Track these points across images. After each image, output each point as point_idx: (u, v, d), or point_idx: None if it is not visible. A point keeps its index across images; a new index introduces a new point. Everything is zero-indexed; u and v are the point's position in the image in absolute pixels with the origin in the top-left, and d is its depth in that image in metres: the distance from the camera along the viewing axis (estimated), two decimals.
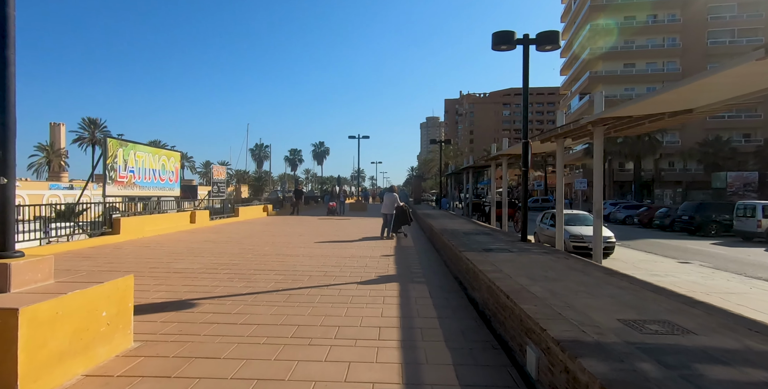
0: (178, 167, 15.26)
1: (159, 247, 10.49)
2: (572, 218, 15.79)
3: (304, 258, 9.09)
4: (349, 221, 20.44)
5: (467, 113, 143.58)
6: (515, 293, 4.11)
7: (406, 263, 8.67)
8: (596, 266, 5.78)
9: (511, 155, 18.42)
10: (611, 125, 10.05)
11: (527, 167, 8.92)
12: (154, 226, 13.08)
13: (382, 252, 10.20)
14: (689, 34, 54.85)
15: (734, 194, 34.55)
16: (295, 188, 29.40)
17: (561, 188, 11.98)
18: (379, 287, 6.43)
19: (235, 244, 11.27)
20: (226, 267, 7.86)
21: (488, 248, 7.49)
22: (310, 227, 16.76)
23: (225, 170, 19.44)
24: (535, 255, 6.79)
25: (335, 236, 13.52)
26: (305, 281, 6.81)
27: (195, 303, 5.34)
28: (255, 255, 9.40)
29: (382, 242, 12.40)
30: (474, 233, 10.39)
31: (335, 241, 12.39)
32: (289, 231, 15.00)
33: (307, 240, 12.38)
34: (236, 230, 14.96)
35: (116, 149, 11.86)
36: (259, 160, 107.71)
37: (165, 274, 7.16)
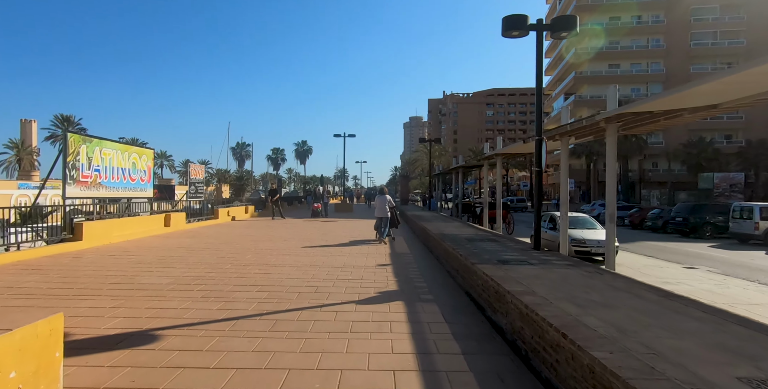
0: (150, 165, 14.01)
1: (126, 256, 9.32)
2: (573, 221, 15.03)
3: (291, 269, 8.05)
4: (335, 224, 19.39)
5: (451, 112, 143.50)
6: (569, 328, 3.18)
7: (407, 275, 7.72)
8: (641, 284, 4.91)
9: (508, 154, 17.65)
10: (626, 121, 9.27)
11: (541, 167, 8.06)
12: (122, 231, 11.86)
13: (377, 261, 9.23)
14: (673, 36, 55.18)
15: (721, 195, 34.56)
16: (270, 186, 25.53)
17: (566, 190, 11.19)
18: (381, 308, 5.45)
19: (212, 251, 10.15)
20: (201, 282, 6.78)
21: (503, 260, 6.59)
22: (294, 231, 15.68)
23: (203, 169, 18.20)
24: (560, 269, 5.90)
25: (323, 241, 12.49)
26: (294, 300, 5.79)
27: (158, 336, 4.29)
28: (235, 266, 8.32)
29: (375, 248, 11.43)
30: (477, 240, 9.50)
31: (324, 246, 11.37)
32: (273, 235, 13.91)
33: (293, 246, 11.33)
34: (215, 235, 13.80)
35: (78, 146, 10.60)
36: (240, 159, 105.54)
37: (127, 292, 6.05)
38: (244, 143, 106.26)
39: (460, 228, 12.86)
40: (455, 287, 6.86)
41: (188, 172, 17.23)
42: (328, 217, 22.92)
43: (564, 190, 11.14)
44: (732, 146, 50.98)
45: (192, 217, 17.15)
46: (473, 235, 10.72)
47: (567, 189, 11.26)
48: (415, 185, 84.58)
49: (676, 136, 50.66)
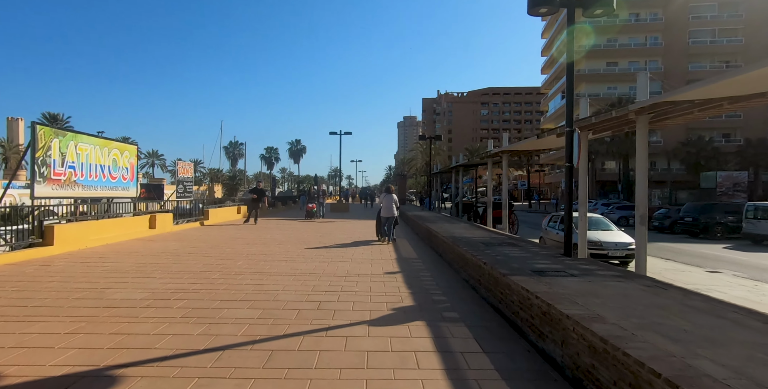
0: (134, 162, 12.93)
1: (101, 263, 8.28)
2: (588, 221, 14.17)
3: (288, 278, 7.06)
4: (332, 225, 18.39)
5: (445, 111, 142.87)
6: (687, 382, 2.24)
7: (420, 285, 6.75)
8: (723, 303, 3.98)
9: (516, 151, 16.74)
10: (658, 113, 8.38)
11: (572, 163, 7.12)
12: (101, 234, 10.80)
13: (383, 268, 8.26)
14: (671, 34, 54.69)
15: (724, 195, 33.91)
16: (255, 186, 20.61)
17: (585, 188, 10.29)
18: (400, 331, 4.48)
19: (199, 257, 9.13)
20: (182, 296, 5.77)
21: (538, 270, 5.64)
22: (289, 233, 14.67)
23: (192, 167, 17.11)
24: (611, 281, 4.96)
25: (321, 244, 11.51)
26: (293, 320, 4.81)
27: (118, 377, 3.29)
28: (224, 274, 7.32)
29: (379, 251, 10.46)
30: (495, 244, 8.55)
31: (323, 250, 10.39)
32: (267, 238, 12.89)
33: (289, 250, 10.33)
34: (204, 237, 12.76)
35: (49, 140, 9.51)
36: (233, 158, 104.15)
37: (91, 311, 5.04)
38: (237, 142, 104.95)
39: (469, 230, 11.93)
40: (480, 301, 5.91)
41: (176, 170, 16.12)
42: (324, 218, 21.78)
43: (583, 189, 10.25)
44: (730, 145, 50.56)
45: (180, 218, 16.08)
46: (487, 238, 9.78)
47: (586, 188, 10.37)
48: (411, 185, 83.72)
49: (675, 135, 50.14)
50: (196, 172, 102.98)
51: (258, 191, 18.21)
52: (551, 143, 14.15)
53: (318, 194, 22.60)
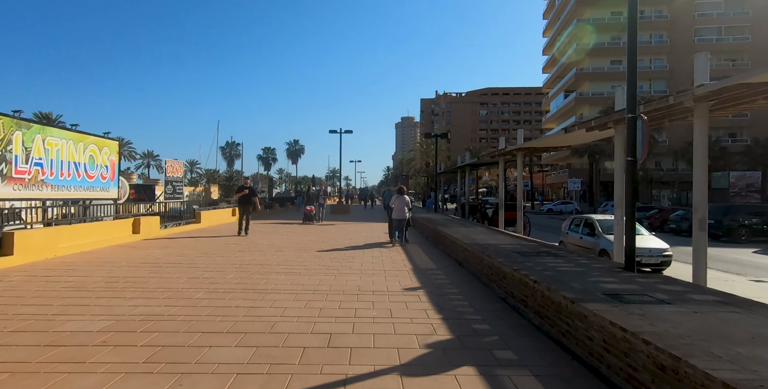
0: (115, 160, 11.64)
1: (66, 276, 6.98)
2: (612, 225, 12.90)
3: (288, 298, 5.78)
4: (334, 228, 17.10)
5: (444, 112, 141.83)
6: None
7: (452, 307, 5.48)
8: None
9: (534, 148, 15.52)
10: (722, 100, 7.18)
11: (635, 157, 5.87)
12: (75, 240, 9.49)
13: (400, 281, 6.99)
14: (676, 31, 53.72)
15: (737, 195, 32.85)
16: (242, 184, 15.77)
17: (621, 188, 9.08)
18: (446, 386, 3.22)
19: (184, 268, 7.84)
20: (153, 327, 4.49)
21: (611, 293, 4.38)
22: (288, 238, 13.38)
23: (182, 166, 15.77)
24: (722, 312, 3.70)
25: (324, 250, 10.24)
26: (296, 366, 3.53)
27: None
28: (210, 292, 6.03)
29: (390, 259, 9.19)
30: (531, 253, 7.29)
31: (326, 257, 9.12)
32: (263, 244, 11.61)
33: (288, 259, 9.05)
34: (193, 244, 11.46)
35: (10, 132, 8.15)
36: (229, 159, 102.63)
37: (22, 353, 3.75)
38: (233, 142, 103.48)
39: (490, 235, 10.66)
40: (533, 331, 4.64)
41: (164, 169, 14.82)
42: (324, 221, 20.32)
43: (619, 189, 9.05)
44: (737, 145, 49.52)
45: (169, 221, 14.78)
46: (517, 245, 8.53)
47: (622, 188, 9.14)
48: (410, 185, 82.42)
49: (681, 134, 48.94)
50: (192, 173, 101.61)
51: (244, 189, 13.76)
52: (577, 139, 12.93)
53: (318, 194, 20.80)
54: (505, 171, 19.26)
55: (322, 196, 20.86)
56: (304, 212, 19.59)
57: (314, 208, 19.60)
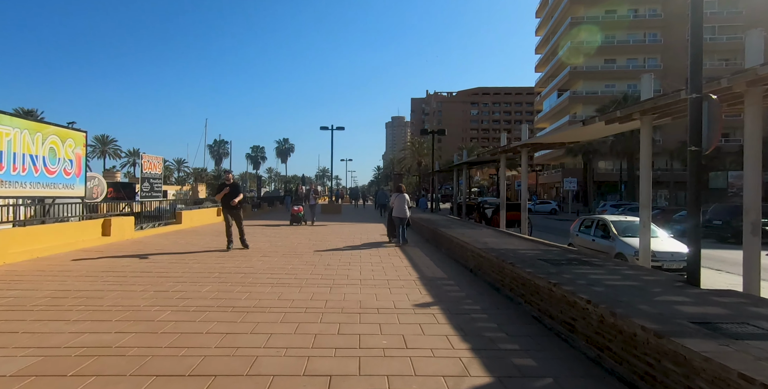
0: (81, 153, 10.39)
1: (4, 290, 5.77)
2: (629, 227, 11.98)
3: (274, 320, 4.67)
4: (326, 229, 15.96)
5: (435, 111, 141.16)
6: None
7: (478, 332, 4.41)
8: None
9: (538, 144, 14.52)
10: None
11: (700, 146, 4.85)
12: (30, 245, 8.27)
13: (409, 294, 5.91)
14: (670, 30, 53.37)
15: (735, 196, 32.27)
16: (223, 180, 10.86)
17: (647, 187, 8.18)
18: None
19: (153, 279, 6.67)
20: (90, 368, 3.34)
21: (699, 319, 3.34)
22: (276, 240, 12.23)
23: (161, 162, 14.43)
24: None
25: (317, 255, 9.14)
26: None
27: None
28: (177, 312, 4.90)
29: (393, 267, 8.11)
30: (561, 261, 6.25)
31: (319, 263, 8.02)
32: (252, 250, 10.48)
33: (276, 265, 7.94)
34: (169, 247, 10.27)
35: None
36: (217, 157, 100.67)
37: None
38: (222, 140, 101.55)
39: (502, 238, 9.62)
40: (596, 370, 3.58)
41: (140, 164, 13.49)
42: (316, 222, 18.74)
43: (645, 188, 8.13)
44: (731, 145, 49.19)
45: (147, 222, 13.53)
46: (538, 250, 7.50)
47: (650, 185, 8.21)
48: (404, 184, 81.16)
49: (675, 133, 48.62)
50: (179, 171, 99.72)
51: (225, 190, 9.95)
52: (594, 133, 11.95)
53: (308, 194, 19.06)
54: (503, 170, 18.29)
55: (312, 196, 19.07)
56: (292, 213, 17.78)
57: (302, 209, 17.77)
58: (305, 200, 18.61)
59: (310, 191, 19.70)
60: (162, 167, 14.09)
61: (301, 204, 17.98)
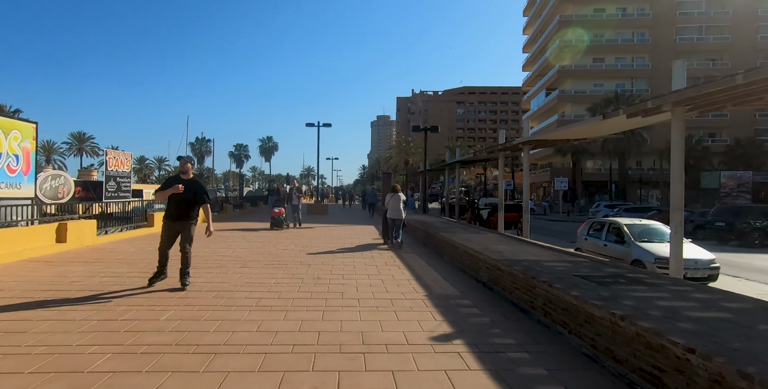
0: (29, 148, 8.99)
1: None
2: (645, 231, 11.03)
3: (248, 368, 3.45)
4: (313, 232, 14.70)
5: (421, 110, 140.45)
6: None
7: (524, 382, 3.30)
8: None
9: (542, 141, 13.47)
10: None
11: None
12: None
13: (422, 323, 4.75)
14: (658, 30, 53.20)
15: (728, 196, 31.98)
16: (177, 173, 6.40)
17: (680, 188, 7.17)
18: None
19: (100, 304, 5.40)
20: None
21: None
22: (257, 246, 10.97)
23: (129, 158, 12.92)
24: None
25: (304, 265, 7.95)
26: None
27: None
28: (120, 354, 3.65)
29: (393, 281, 6.95)
30: (605, 278, 5.16)
31: (307, 276, 6.83)
32: (224, 255, 9.20)
33: (256, 281, 6.71)
34: (134, 255, 8.95)
35: None
36: (200, 155, 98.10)
37: None
38: (204, 138, 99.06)
39: (515, 245, 8.52)
40: None
41: (105, 161, 11.99)
42: (300, 225, 16.60)
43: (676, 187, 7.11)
44: (717, 145, 49.24)
45: (111, 226, 12.13)
46: (567, 262, 6.41)
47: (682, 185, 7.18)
48: None
49: (661, 134, 48.42)
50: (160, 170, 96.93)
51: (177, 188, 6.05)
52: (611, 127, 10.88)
53: (291, 194, 16.80)
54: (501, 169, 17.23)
55: (296, 195, 16.60)
56: (272, 215, 15.34)
57: (284, 211, 15.52)
58: (287, 200, 16.56)
59: (293, 190, 17.23)
60: (131, 165, 12.66)
61: (282, 205, 15.79)
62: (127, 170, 12.79)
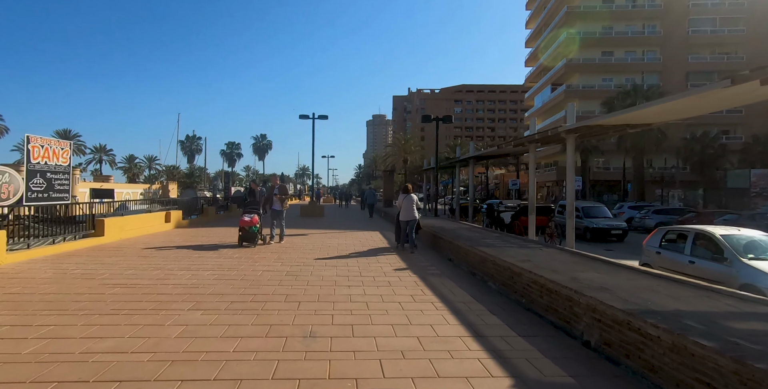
0: None
1: None
2: (751, 244, 8.27)
3: None
4: (306, 243, 11.79)
5: (417, 109, 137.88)
6: None
7: None
8: None
9: (596, 127, 10.65)
10: None
11: None
12: None
13: None
14: (670, 22, 50.67)
15: (759, 196, 29.36)
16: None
17: None
18: None
19: None
20: None
21: None
22: (230, 263, 8.11)
23: (68, 148, 9.91)
24: None
25: (287, 296, 5.15)
26: None
27: None
28: None
29: (434, 337, 4.17)
30: None
31: (294, 324, 4.05)
32: (175, 283, 6.37)
33: (200, 348, 3.88)
34: (46, 283, 6.10)
35: None
36: (190, 154, 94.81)
37: None
38: (194, 136, 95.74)
39: (610, 273, 5.70)
40: None
41: (27, 151, 9.00)
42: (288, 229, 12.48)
43: None
44: (732, 143, 46.72)
45: (45, 236, 9.23)
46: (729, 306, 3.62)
47: None
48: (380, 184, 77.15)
49: (674, 131, 45.88)
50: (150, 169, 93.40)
51: None
52: (711, 104, 8.02)
53: (270, 196, 11.65)
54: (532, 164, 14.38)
55: (277, 197, 11.53)
56: (240, 225, 10.76)
57: (257, 219, 10.90)
58: (263, 205, 11.57)
59: (273, 190, 11.76)
60: (69, 156, 9.77)
61: (257, 211, 11.10)
62: (63, 162, 9.86)
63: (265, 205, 11.41)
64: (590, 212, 18.79)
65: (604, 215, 19.12)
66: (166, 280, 6.60)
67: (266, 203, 11.40)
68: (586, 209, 18.98)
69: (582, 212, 18.53)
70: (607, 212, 19.61)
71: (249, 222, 10.64)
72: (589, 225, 17.95)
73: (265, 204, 11.41)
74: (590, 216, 18.48)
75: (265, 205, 11.42)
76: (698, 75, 49.36)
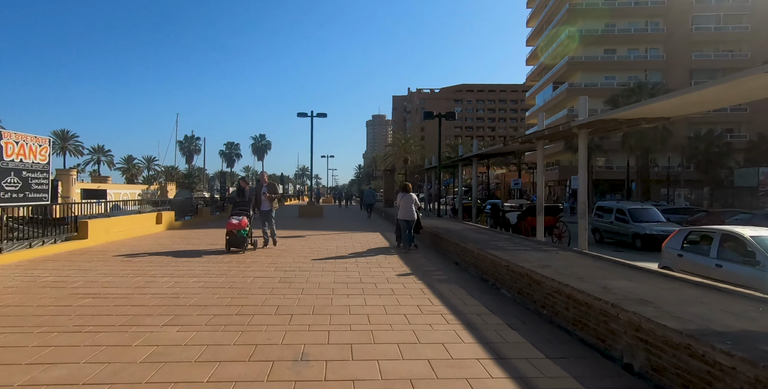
0: None
1: None
2: None
3: None
4: (303, 247, 11.14)
5: (417, 109, 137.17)
6: None
7: None
8: None
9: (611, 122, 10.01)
10: None
11: None
12: None
13: None
14: (673, 18, 49.99)
15: (767, 195, 28.73)
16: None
17: None
18: None
19: None
20: None
21: None
22: (218, 269, 7.46)
23: (46, 144, 9.15)
24: None
25: (278, 308, 4.51)
26: None
27: None
28: None
29: (463, 376, 3.53)
30: None
31: (283, 343, 3.39)
32: (154, 292, 5.73)
33: (171, 374, 3.25)
34: (14, 296, 5.46)
35: None
36: (189, 154, 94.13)
37: None
38: (193, 136, 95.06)
39: (643, 281, 5.05)
40: None
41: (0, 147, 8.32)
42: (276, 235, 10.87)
43: None
44: (736, 141, 46.06)
45: (19, 240, 8.57)
46: None
47: None
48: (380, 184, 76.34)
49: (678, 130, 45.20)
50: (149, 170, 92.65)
51: None
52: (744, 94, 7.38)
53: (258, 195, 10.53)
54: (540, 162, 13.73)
55: (265, 196, 10.45)
56: (227, 228, 9.70)
57: (246, 222, 9.81)
58: (252, 205, 10.38)
59: (261, 189, 10.57)
60: (48, 154, 9.08)
61: (246, 213, 9.99)
62: (42, 161, 9.20)
63: (254, 206, 10.32)
64: (639, 216, 16.00)
65: (656, 218, 16.17)
66: (144, 289, 5.94)
67: (255, 204, 10.32)
68: (634, 212, 16.20)
69: (629, 215, 16.02)
70: (659, 216, 16.57)
71: (237, 225, 9.57)
72: (640, 231, 15.14)
73: (254, 205, 10.34)
74: (640, 220, 15.74)
75: (254, 205, 10.33)
76: (702, 72, 48.68)
